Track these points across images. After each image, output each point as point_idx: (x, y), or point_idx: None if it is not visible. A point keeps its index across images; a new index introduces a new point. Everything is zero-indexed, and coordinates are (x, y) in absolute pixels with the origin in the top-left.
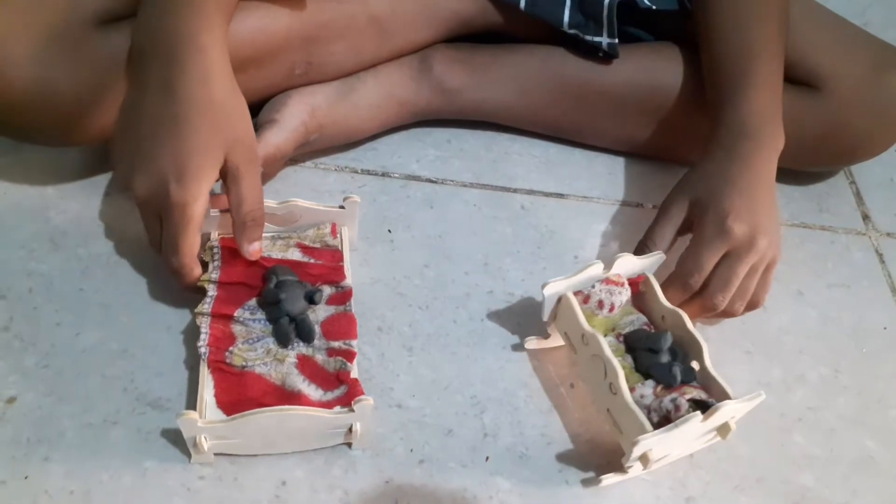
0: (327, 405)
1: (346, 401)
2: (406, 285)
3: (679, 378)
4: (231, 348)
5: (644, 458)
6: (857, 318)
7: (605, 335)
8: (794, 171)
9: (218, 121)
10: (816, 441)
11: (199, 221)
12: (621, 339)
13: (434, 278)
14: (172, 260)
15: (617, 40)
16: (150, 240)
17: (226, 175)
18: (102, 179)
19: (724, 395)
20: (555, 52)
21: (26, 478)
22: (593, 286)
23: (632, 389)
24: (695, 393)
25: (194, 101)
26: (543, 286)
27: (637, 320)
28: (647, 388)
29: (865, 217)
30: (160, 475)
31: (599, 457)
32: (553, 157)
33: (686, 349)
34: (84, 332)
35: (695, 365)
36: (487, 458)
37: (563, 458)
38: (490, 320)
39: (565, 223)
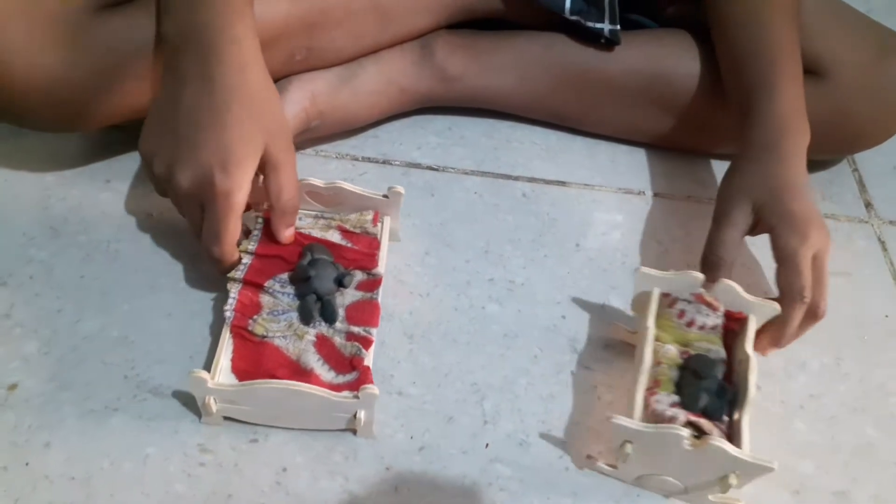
0: (336, 388)
1: (355, 386)
2: (407, 273)
3: (700, 404)
4: (255, 317)
5: (621, 452)
6: (859, 306)
7: (672, 344)
8: None
9: (257, 110)
10: (817, 428)
11: (241, 210)
12: (685, 356)
13: (435, 266)
14: (214, 249)
15: (619, 27)
16: (191, 229)
17: (265, 165)
18: (103, 167)
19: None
20: (557, 39)
21: (27, 464)
22: (683, 295)
23: (653, 392)
24: (704, 423)
25: (234, 90)
26: (636, 271)
27: (715, 352)
28: (666, 397)
29: (868, 205)
30: (161, 462)
31: (600, 444)
32: (554, 145)
33: (738, 395)
34: (85, 319)
35: (735, 415)
36: (487, 445)
37: (563, 445)
38: (491, 308)
39: (567, 211)
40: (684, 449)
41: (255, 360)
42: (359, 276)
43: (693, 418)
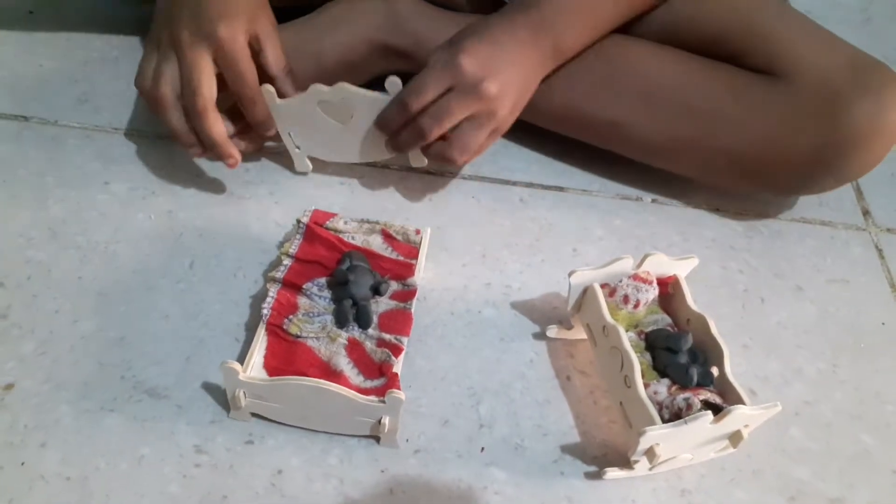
0: (364, 392)
1: (382, 392)
2: None
3: (695, 379)
4: (291, 316)
5: (651, 453)
6: (856, 314)
7: (627, 330)
8: None
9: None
10: (813, 435)
11: (248, 52)
12: (643, 336)
13: (432, 269)
14: (242, 92)
15: None
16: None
17: (257, 42)
18: (101, 169)
19: (739, 403)
20: None
21: (23, 464)
22: (621, 280)
23: (647, 385)
24: (709, 395)
25: None
26: (570, 274)
27: (661, 320)
28: (662, 386)
29: (865, 212)
30: (156, 462)
31: (594, 448)
32: (552, 151)
33: (707, 354)
34: (82, 320)
35: (714, 370)
36: (483, 449)
37: (558, 449)
38: (487, 312)
39: (564, 216)
40: (707, 427)
41: (287, 359)
42: (394, 285)
43: (702, 396)
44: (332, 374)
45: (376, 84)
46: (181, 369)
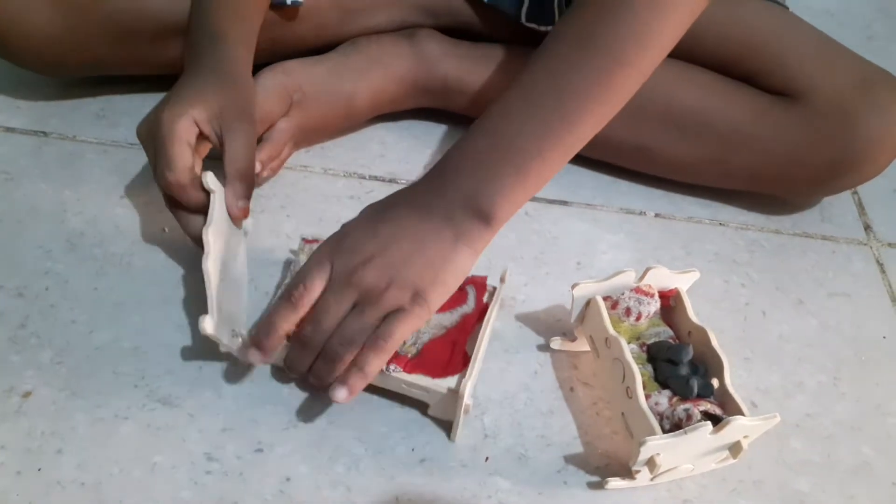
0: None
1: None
2: None
3: (695, 391)
4: None
5: (651, 464)
6: (857, 327)
7: (629, 342)
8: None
9: (218, 73)
10: (814, 447)
11: (182, 135)
12: (644, 348)
13: None
14: (164, 177)
15: None
16: (154, 175)
17: (222, 132)
18: (118, 183)
19: (739, 414)
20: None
21: (39, 469)
22: (623, 293)
23: (648, 396)
24: (709, 406)
25: (197, 72)
26: (573, 286)
27: (663, 333)
28: (663, 397)
29: (867, 227)
30: (169, 469)
31: (597, 459)
32: None
33: (708, 366)
34: (98, 330)
35: (715, 382)
36: (487, 459)
37: (562, 459)
38: (492, 323)
39: (568, 229)
40: (707, 437)
41: None
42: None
43: (702, 407)
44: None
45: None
46: (193, 379)
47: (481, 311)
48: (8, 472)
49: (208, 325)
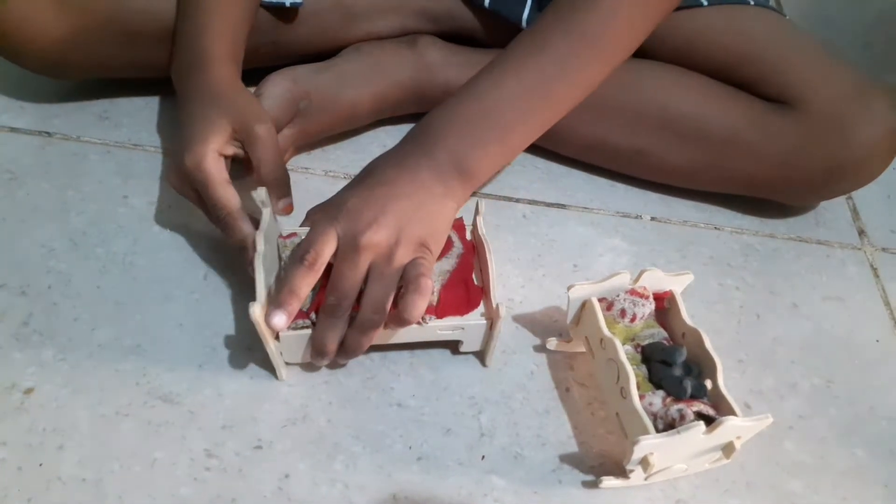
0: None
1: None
2: None
3: (689, 392)
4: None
5: (645, 463)
6: (851, 331)
7: (624, 344)
8: None
9: (222, 103)
10: (806, 449)
11: (218, 176)
12: (639, 349)
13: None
14: (215, 214)
15: None
16: (209, 218)
17: (244, 144)
18: (120, 183)
19: (731, 415)
20: None
21: (41, 465)
22: (618, 295)
23: (642, 397)
24: (702, 407)
25: (201, 95)
26: (569, 288)
27: (657, 334)
28: (657, 398)
29: (861, 232)
30: (168, 466)
31: (592, 458)
32: (555, 169)
33: (701, 367)
34: (100, 328)
35: (708, 383)
36: (483, 457)
37: (557, 458)
38: None
39: (565, 232)
40: (700, 437)
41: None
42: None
43: (695, 408)
44: None
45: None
46: (194, 376)
47: (470, 248)
48: (9, 467)
49: (257, 310)
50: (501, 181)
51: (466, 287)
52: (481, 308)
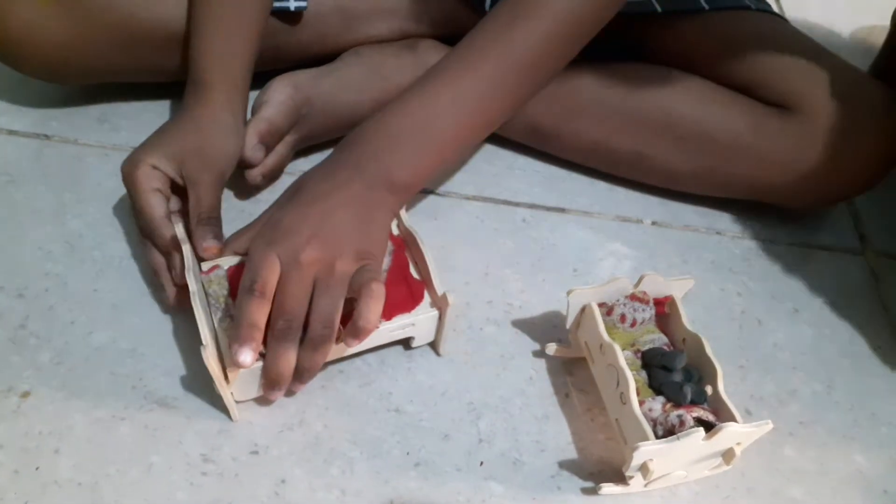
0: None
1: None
2: None
3: (689, 397)
4: None
5: (645, 469)
6: (852, 337)
7: (624, 349)
8: None
9: (189, 124)
10: (807, 455)
11: (145, 184)
12: (639, 354)
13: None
14: (138, 223)
15: None
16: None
17: (185, 184)
18: (118, 186)
19: (732, 421)
20: None
21: (37, 468)
22: (618, 300)
23: (642, 402)
24: (702, 413)
25: (183, 107)
26: (569, 292)
27: (658, 339)
28: (657, 403)
29: (862, 238)
30: (165, 470)
31: (591, 465)
32: (555, 173)
33: (702, 373)
34: (96, 332)
35: (708, 389)
36: (482, 463)
37: (556, 464)
38: (488, 329)
39: (566, 237)
40: (700, 444)
41: None
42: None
43: (695, 414)
44: None
45: None
46: (190, 380)
47: (400, 244)
48: (5, 471)
49: (209, 353)
50: (501, 185)
51: (407, 283)
52: (427, 300)
